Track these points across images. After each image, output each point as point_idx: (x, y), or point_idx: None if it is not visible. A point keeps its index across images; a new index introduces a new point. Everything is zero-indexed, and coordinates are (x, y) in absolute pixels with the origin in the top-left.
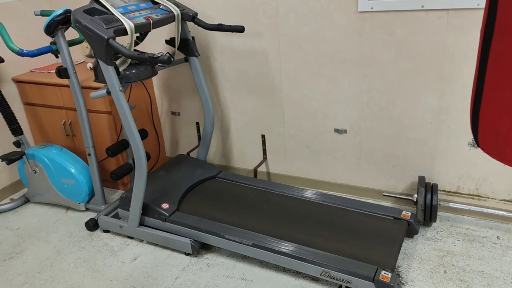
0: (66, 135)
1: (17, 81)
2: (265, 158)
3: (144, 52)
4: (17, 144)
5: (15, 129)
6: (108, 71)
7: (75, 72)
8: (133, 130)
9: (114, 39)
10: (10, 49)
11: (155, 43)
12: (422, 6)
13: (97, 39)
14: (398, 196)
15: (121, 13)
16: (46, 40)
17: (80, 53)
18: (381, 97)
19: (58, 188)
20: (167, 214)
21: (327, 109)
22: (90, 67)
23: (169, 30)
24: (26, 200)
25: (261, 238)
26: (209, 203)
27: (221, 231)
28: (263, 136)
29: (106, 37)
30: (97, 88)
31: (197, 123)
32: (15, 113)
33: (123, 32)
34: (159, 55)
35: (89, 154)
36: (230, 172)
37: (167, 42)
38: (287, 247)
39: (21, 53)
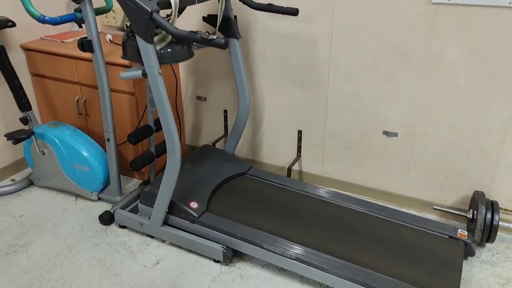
0: (79, 114)
1: (26, 49)
2: (299, 155)
3: (195, 32)
4: (24, 120)
5: (23, 103)
6: (148, 50)
7: (101, 46)
8: (170, 120)
9: (158, 12)
10: (30, 14)
11: (182, 20)
12: (510, 3)
13: (138, 11)
14: (450, 211)
15: None
16: (61, 6)
17: (98, 21)
18: (444, 101)
19: (69, 174)
20: (196, 215)
21: (378, 108)
22: (110, 39)
23: (205, 6)
24: (30, 183)
25: (304, 251)
26: (241, 204)
27: (258, 239)
28: (299, 132)
29: (149, 10)
30: (120, 65)
31: (225, 111)
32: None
33: (167, 4)
34: (214, 37)
35: (108, 139)
36: (261, 169)
37: (204, 19)
38: (334, 264)
39: (42, 20)
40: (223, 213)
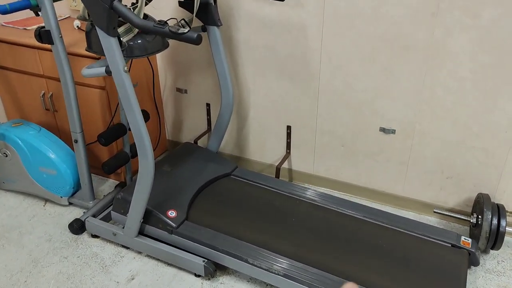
0: (46, 110)
1: None
2: (288, 153)
3: (161, 23)
4: None
5: None
6: (110, 44)
7: (61, 37)
8: (139, 122)
9: (120, 0)
10: None
11: (159, 5)
12: None
13: (96, 0)
14: (451, 214)
15: None
16: None
17: (65, 5)
18: (447, 96)
19: (35, 178)
20: (174, 225)
21: (375, 103)
22: (77, 26)
23: None
24: None
25: (293, 265)
26: (224, 210)
27: (242, 252)
28: (288, 128)
29: None
30: (88, 57)
31: (208, 105)
32: None
33: None
34: (185, 30)
35: (76, 141)
36: (248, 169)
37: (180, 4)
38: (325, 280)
39: None
40: (204, 222)
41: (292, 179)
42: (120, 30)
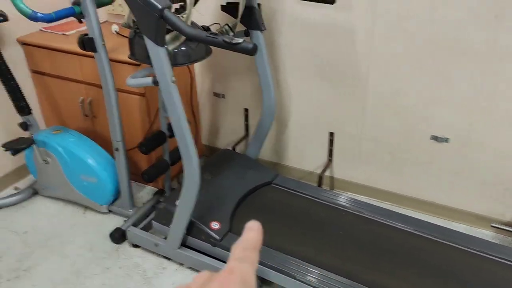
0: (85, 116)
1: (24, 43)
2: (330, 160)
3: (214, 33)
4: (24, 126)
5: (22, 107)
6: (158, 54)
7: (104, 44)
8: (186, 134)
9: (170, 8)
10: (20, 11)
11: (195, 13)
12: None
13: (147, 8)
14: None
15: None
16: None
17: (103, 9)
18: (507, 104)
19: (76, 185)
20: (218, 238)
21: (426, 110)
22: (116, 31)
23: None
24: (35, 192)
25: (343, 284)
26: (268, 222)
27: (290, 268)
28: (331, 134)
29: (160, 7)
30: (129, 64)
31: (246, 110)
32: (20, 82)
33: None
34: (240, 40)
35: (117, 149)
36: (289, 177)
37: (223, 8)
38: None
39: (34, 17)
40: None
41: (334, 187)
42: (167, 38)
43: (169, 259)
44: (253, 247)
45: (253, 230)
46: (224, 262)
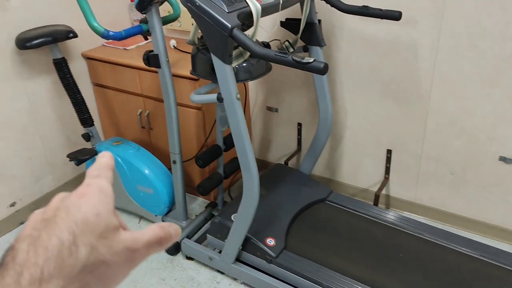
0: (142, 128)
1: (88, 58)
2: (387, 178)
3: (283, 52)
4: (86, 137)
5: (85, 119)
6: (225, 72)
7: (168, 61)
8: (248, 151)
9: (239, 28)
10: (93, 29)
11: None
12: None
13: (217, 27)
14: None
15: None
16: (121, 16)
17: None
18: None
19: (133, 195)
20: (273, 255)
21: (495, 130)
22: (174, 46)
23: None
24: None
25: None
26: (324, 240)
27: None
28: (389, 152)
29: (229, 26)
30: (187, 78)
31: (299, 124)
32: (83, 95)
33: (247, 17)
34: (310, 60)
35: (174, 162)
36: (343, 194)
37: (282, 24)
38: None
39: (106, 35)
40: (304, 252)
41: (390, 206)
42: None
43: (223, 273)
44: (106, 166)
45: (103, 157)
46: (280, 279)
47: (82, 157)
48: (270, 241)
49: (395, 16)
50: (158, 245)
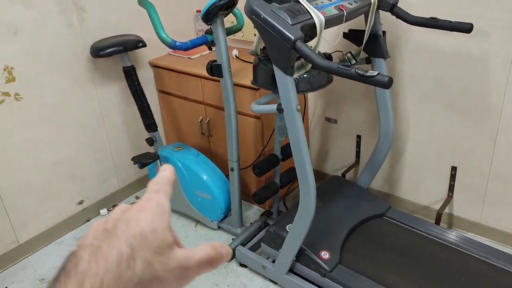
0: (202, 134)
1: (154, 66)
2: (450, 196)
3: (345, 65)
4: (150, 142)
5: (150, 124)
6: (286, 83)
7: (230, 70)
8: (306, 163)
9: (302, 40)
10: (161, 40)
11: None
12: None
13: (280, 39)
14: None
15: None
16: (187, 26)
17: None
18: None
19: (191, 200)
20: (328, 269)
21: None
22: (235, 55)
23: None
24: None
25: None
26: (381, 257)
27: None
28: (453, 169)
29: (293, 38)
30: (248, 88)
31: (358, 136)
32: (148, 100)
33: (311, 28)
34: (374, 73)
35: (232, 169)
36: (402, 211)
37: (345, 36)
38: None
39: (173, 46)
40: (359, 268)
41: (453, 226)
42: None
43: (275, 283)
44: (166, 181)
45: (165, 170)
46: None
47: (145, 161)
48: (325, 254)
49: (466, 28)
50: (209, 265)
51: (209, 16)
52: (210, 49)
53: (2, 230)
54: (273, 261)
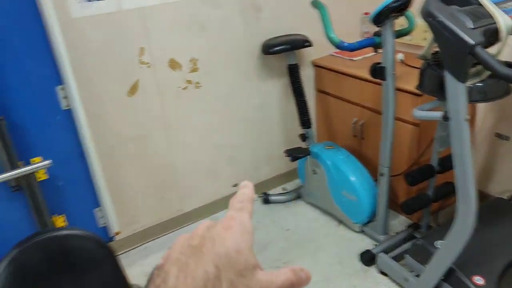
0: (354, 136)
1: (316, 65)
2: None
3: None
4: (303, 137)
5: (305, 121)
6: (457, 90)
7: (394, 74)
8: (469, 177)
9: (482, 45)
10: (330, 40)
11: None
12: None
13: (456, 43)
14: None
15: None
16: (352, 28)
17: None
18: None
19: (336, 199)
20: None
21: None
22: (401, 59)
23: None
24: (298, 196)
25: None
26: None
27: None
28: None
29: (472, 43)
30: (410, 93)
31: None
32: (306, 98)
33: (493, 34)
34: None
35: (382, 174)
36: None
37: None
38: None
39: (341, 46)
40: None
41: None
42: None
43: None
44: (248, 199)
45: (246, 187)
46: None
47: (297, 155)
48: (479, 280)
49: None
50: None
51: (381, 18)
52: (375, 51)
53: (173, 199)
54: (417, 276)
